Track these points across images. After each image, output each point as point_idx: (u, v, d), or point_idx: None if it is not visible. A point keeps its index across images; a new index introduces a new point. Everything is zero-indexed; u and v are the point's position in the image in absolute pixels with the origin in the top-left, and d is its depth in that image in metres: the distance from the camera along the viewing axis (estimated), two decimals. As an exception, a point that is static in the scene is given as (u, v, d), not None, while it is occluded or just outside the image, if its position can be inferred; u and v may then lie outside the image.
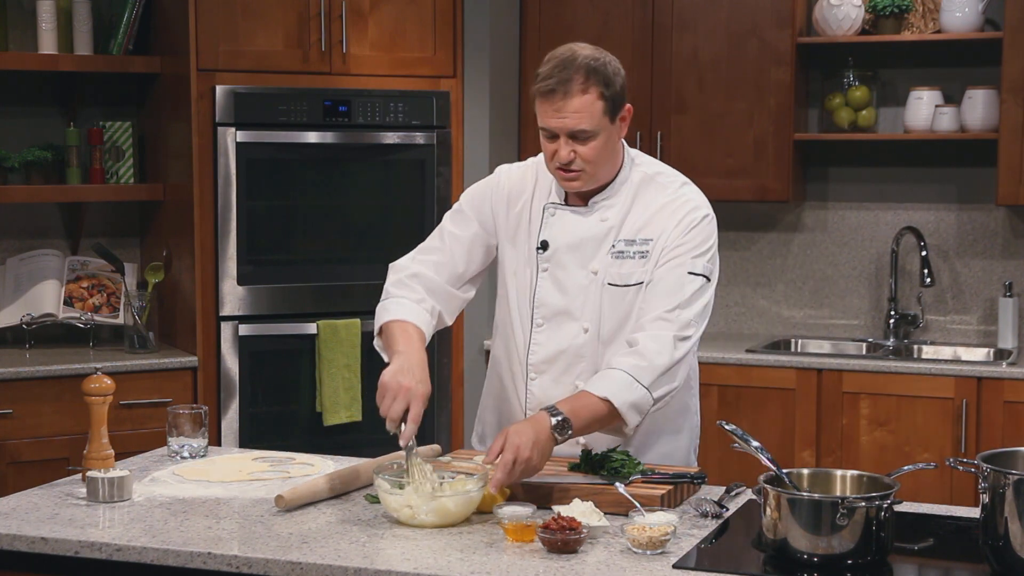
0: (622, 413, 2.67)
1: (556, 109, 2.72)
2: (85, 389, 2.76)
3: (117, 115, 4.90)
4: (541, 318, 2.89)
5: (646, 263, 2.82)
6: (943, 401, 4.53)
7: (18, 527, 2.49)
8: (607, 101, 2.74)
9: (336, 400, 4.71)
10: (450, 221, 3.00)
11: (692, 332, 2.78)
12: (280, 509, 2.60)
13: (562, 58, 2.74)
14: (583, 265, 2.85)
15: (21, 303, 4.72)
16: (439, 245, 2.98)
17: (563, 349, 2.87)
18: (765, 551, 2.35)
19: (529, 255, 2.90)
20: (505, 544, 2.39)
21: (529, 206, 2.92)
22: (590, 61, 2.73)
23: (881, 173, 5.18)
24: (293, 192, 4.79)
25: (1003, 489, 2.21)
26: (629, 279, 2.83)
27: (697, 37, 5.08)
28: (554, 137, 2.76)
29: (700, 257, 2.81)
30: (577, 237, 2.85)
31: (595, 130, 2.74)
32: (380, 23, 4.85)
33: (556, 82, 2.71)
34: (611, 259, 2.84)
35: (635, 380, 2.68)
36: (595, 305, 2.84)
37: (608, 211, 2.85)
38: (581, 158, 2.76)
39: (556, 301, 2.87)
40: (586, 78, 2.71)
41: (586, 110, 2.71)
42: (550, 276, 2.88)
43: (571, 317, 2.86)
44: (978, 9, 4.78)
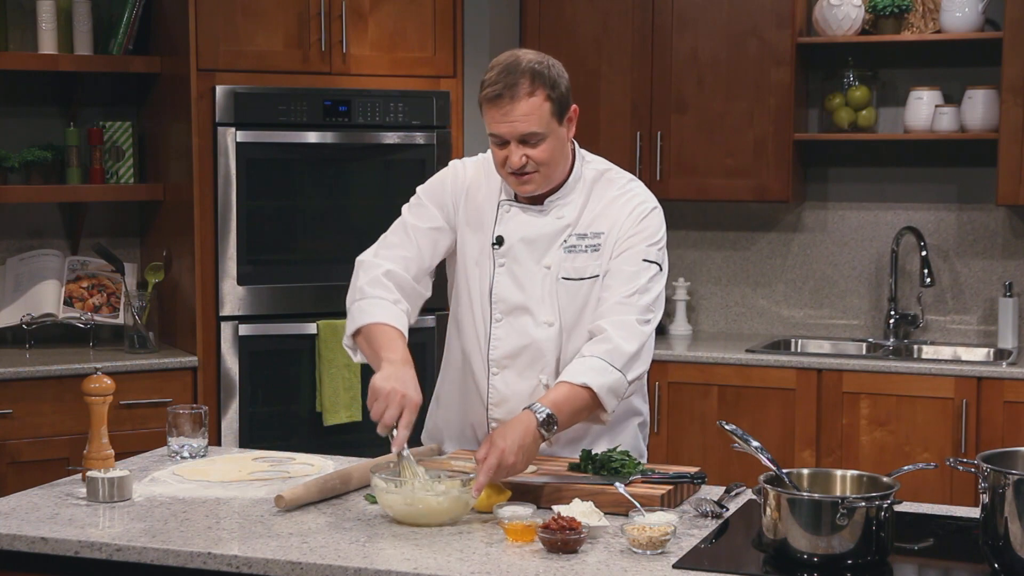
0: (601, 398, 2.70)
1: (504, 114, 2.74)
2: (85, 389, 2.76)
3: (117, 115, 4.90)
4: (500, 313, 2.89)
5: (599, 256, 2.85)
6: (943, 401, 4.53)
7: (18, 527, 2.49)
8: (553, 103, 2.75)
9: (336, 400, 4.71)
10: (411, 215, 2.99)
11: (651, 316, 2.82)
12: (280, 509, 2.60)
13: (506, 64, 2.76)
14: (537, 261, 2.87)
15: (21, 303, 4.72)
16: (404, 239, 2.97)
17: (525, 344, 2.87)
18: (765, 551, 2.35)
19: (485, 251, 2.91)
20: (505, 544, 2.39)
21: (487, 202, 2.93)
22: (534, 65, 2.75)
23: (881, 173, 5.18)
24: (293, 192, 4.79)
25: (1003, 489, 2.21)
26: (583, 272, 2.85)
27: (697, 37, 5.08)
28: (504, 143, 2.77)
29: (653, 246, 2.86)
30: (532, 233, 2.87)
31: (544, 132, 2.75)
32: (380, 23, 4.85)
33: (502, 87, 2.73)
34: (563, 253, 2.86)
35: (609, 364, 2.72)
36: (551, 299, 2.86)
37: (563, 209, 2.87)
38: (533, 161, 2.77)
39: (514, 296, 2.88)
40: (531, 81, 2.73)
41: (534, 113, 2.73)
42: (507, 271, 2.89)
43: (529, 312, 2.87)
44: (978, 9, 4.78)
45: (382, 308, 2.86)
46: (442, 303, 5.04)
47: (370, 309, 2.86)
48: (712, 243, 5.40)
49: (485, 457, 2.54)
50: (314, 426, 4.73)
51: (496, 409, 2.91)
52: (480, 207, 2.93)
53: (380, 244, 3.01)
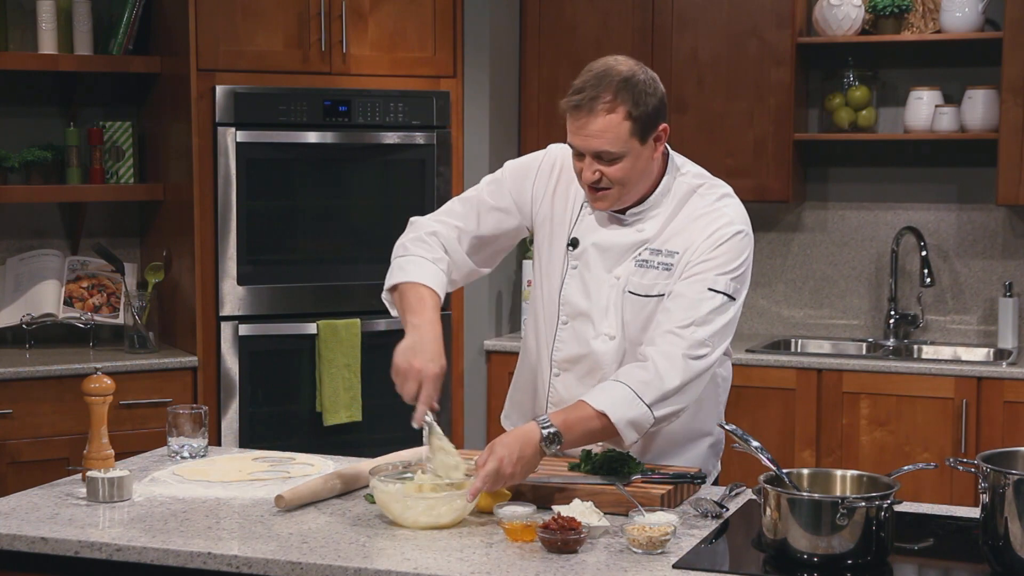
0: (619, 429, 2.59)
1: (580, 127, 2.63)
2: (85, 389, 2.76)
3: (117, 115, 4.90)
4: (566, 316, 2.83)
5: (670, 275, 2.72)
6: (943, 401, 4.53)
7: (18, 527, 2.49)
8: (635, 121, 2.62)
9: (336, 400, 4.71)
10: (487, 188, 2.90)
11: (706, 352, 2.64)
12: (280, 509, 2.60)
13: (596, 72, 2.63)
14: (608, 269, 2.78)
15: (21, 303, 4.72)
16: (466, 210, 2.88)
17: (584, 353, 2.81)
18: (765, 551, 2.35)
19: (561, 249, 2.84)
20: (505, 544, 2.39)
21: (572, 199, 2.83)
22: (625, 77, 2.61)
23: (881, 173, 5.18)
24: (293, 192, 4.79)
25: (1003, 489, 2.21)
26: (651, 290, 2.74)
27: (697, 37, 5.08)
28: (581, 155, 2.68)
29: (725, 275, 2.70)
30: (608, 241, 2.77)
31: (620, 152, 2.63)
32: (380, 23, 4.85)
33: (583, 99, 2.60)
34: (634, 267, 2.75)
35: (638, 397, 2.59)
36: (616, 312, 2.77)
37: (645, 223, 2.76)
38: (608, 178, 2.67)
39: (580, 302, 2.81)
40: (614, 97, 2.60)
41: (611, 131, 2.61)
42: (578, 275, 2.81)
43: (591, 321, 2.80)
44: (978, 9, 4.78)
45: (417, 266, 2.79)
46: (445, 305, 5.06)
47: (406, 267, 2.80)
48: (712, 243, 5.39)
49: (484, 463, 2.51)
50: (314, 426, 4.73)
51: (555, 409, 2.80)
52: (565, 203, 2.84)
53: (441, 210, 2.93)
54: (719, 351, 2.69)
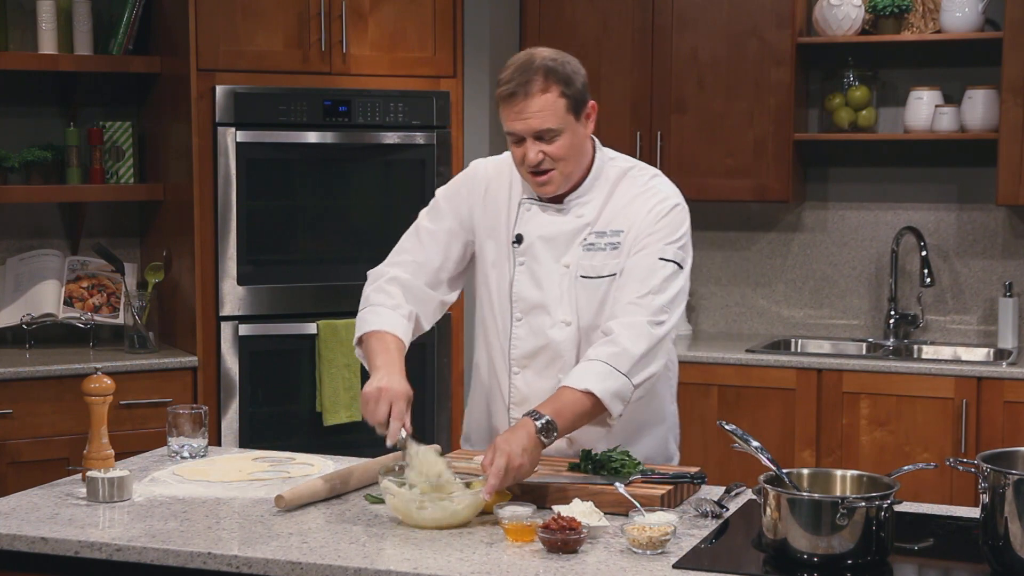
0: (605, 403, 2.66)
1: (518, 112, 2.74)
2: (85, 389, 2.76)
3: (117, 115, 4.90)
4: (520, 312, 2.89)
5: (618, 254, 2.83)
6: (943, 401, 4.53)
7: (18, 527, 2.49)
8: (568, 99, 2.75)
9: (336, 400, 4.71)
10: (426, 217, 3.00)
11: (665, 318, 2.76)
12: (280, 509, 2.60)
13: (520, 62, 2.76)
14: (556, 259, 2.86)
15: (21, 303, 4.72)
16: (414, 244, 2.98)
17: (543, 344, 2.87)
18: (765, 551, 2.35)
19: (506, 249, 2.91)
20: (505, 544, 2.39)
21: (507, 201, 2.93)
22: (548, 62, 2.74)
23: (881, 173, 5.18)
24: (293, 192, 4.79)
25: (1003, 489, 2.21)
26: (601, 271, 2.84)
27: (697, 37, 5.08)
28: (521, 140, 2.77)
29: (672, 244, 2.81)
30: (551, 231, 2.86)
31: (559, 127, 2.74)
32: (380, 23, 4.85)
33: (516, 85, 2.73)
34: (582, 251, 2.85)
35: (614, 369, 2.68)
36: (569, 298, 2.85)
37: (583, 207, 2.86)
38: (550, 157, 2.77)
39: (532, 295, 2.88)
40: (545, 78, 2.72)
41: (548, 108, 2.73)
42: (527, 269, 2.88)
43: (547, 311, 2.87)
44: (978, 9, 4.78)
45: (378, 315, 2.89)
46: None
47: (369, 318, 2.90)
48: (712, 243, 5.40)
49: (491, 462, 2.53)
50: (314, 426, 4.73)
51: (517, 409, 2.89)
52: (500, 206, 2.93)
53: (393, 251, 3.01)
54: (675, 318, 2.81)
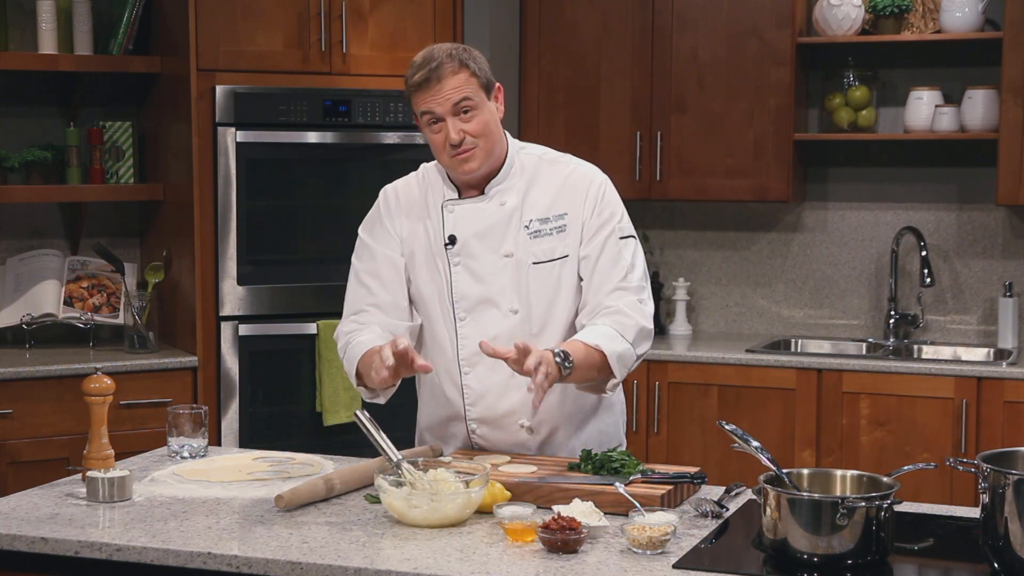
0: (611, 363, 2.75)
1: (434, 93, 2.80)
2: (85, 389, 2.76)
3: (117, 115, 4.90)
4: (463, 311, 2.91)
5: (565, 236, 2.89)
6: (943, 401, 4.53)
7: (18, 527, 2.49)
8: (479, 78, 2.82)
9: (336, 400, 4.71)
10: (360, 260, 3.02)
11: (647, 291, 2.90)
12: (280, 509, 2.60)
13: (423, 56, 2.84)
14: (494, 250, 2.89)
15: (21, 303, 4.72)
16: (361, 291, 2.98)
17: (494, 336, 2.87)
18: (765, 551, 2.35)
19: (437, 254, 2.93)
20: (505, 544, 2.39)
21: (426, 208, 2.96)
22: (451, 50, 2.83)
23: (881, 173, 5.18)
24: (293, 192, 4.79)
25: (1003, 489, 2.21)
26: (552, 254, 2.89)
27: (697, 37, 5.08)
28: (438, 121, 2.82)
29: (621, 221, 2.92)
30: (483, 225, 2.90)
31: (477, 101, 2.81)
32: (380, 23, 4.85)
33: (428, 71, 2.80)
34: (529, 240, 2.89)
35: (620, 335, 2.79)
36: (516, 286, 2.89)
37: (506, 195, 2.91)
38: (470, 135, 2.82)
39: (474, 291, 2.90)
40: (452, 61, 2.81)
41: (463, 84, 2.80)
42: (464, 267, 2.91)
43: (492, 303, 2.90)
44: (978, 9, 4.78)
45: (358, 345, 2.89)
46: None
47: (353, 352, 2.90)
48: (712, 243, 5.40)
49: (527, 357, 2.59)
50: (314, 426, 4.73)
51: (473, 408, 2.93)
52: (420, 216, 2.97)
53: (345, 308, 3.02)
54: (649, 287, 2.93)
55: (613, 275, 2.87)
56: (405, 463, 2.59)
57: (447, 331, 2.94)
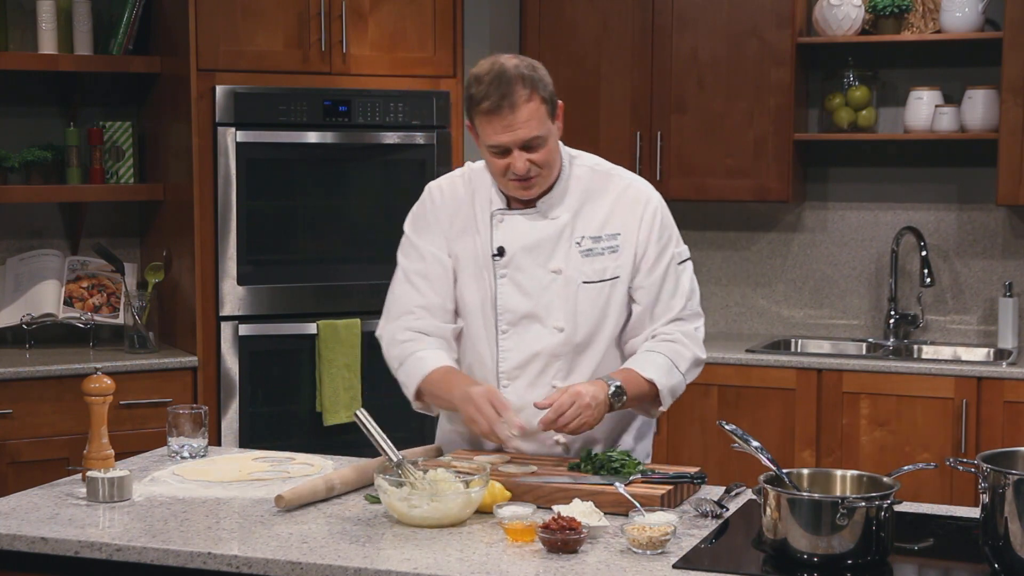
0: (662, 396, 2.80)
1: (506, 125, 2.72)
2: (85, 389, 2.76)
3: (117, 115, 4.90)
4: (507, 324, 2.87)
5: (618, 257, 2.86)
6: (943, 401, 4.53)
7: (18, 527, 2.49)
8: (547, 104, 2.76)
9: (336, 400, 4.71)
10: (408, 259, 2.96)
11: (701, 313, 2.96)
12: (280, 509, 2.60)
13: (495, 73, 2.73)
14: (542, 265, 2.85)
15: (21, 303, 4.72)
16: (410, 291, 2.92)
17: (536, 352, 2.85)
18: (765, 551, 2.35)
19: (483, 264, 2.88)
20: (505, 544, 2.39)
21: (475, 216, 2.90)
22: (523, 70, 2.74)
23: (881, 173, 5.18)
24: (293, 192, 4.79)
25: (1003, 489, 2.21)
26: (604, 274, 2.86)
27: (697, 37, 5.08)
28: (506, 152, 2.75)
29: (678, 246, 2.92)
30: (533, 238, 2.85)
31: (545, 134, 2.75)
32: (380, 23, 4.85)
33: (499, 97, 2.71)
34: (580, 258, 2.85)
35: (674, 366, 2.84)
36: (564, 304, 2.85)
37: (556, 209, 2.86)
38: (536, 165, 2.76)
39: (520, 305, 2.86)
40: (525, 86, 2.72)
41: (535, 117, 2.73)
42: (510, 280, 2.86)
43: (537, 319, 2.86)
44: (978, 9, 4.78)
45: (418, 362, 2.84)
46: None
47: (411, 370, 2.85)
48: (712, 243, 5.40)
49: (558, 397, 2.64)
50: (314, 426, 4.73)
51: None
52: (468, 222, 2.91)
53: (387, 303, 2.96)
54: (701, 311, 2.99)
55: (673, 304, 2.88)
56: (405, 463, 2.59)
57: (488, 342, 2.89)
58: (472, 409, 2.68)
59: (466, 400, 2.70)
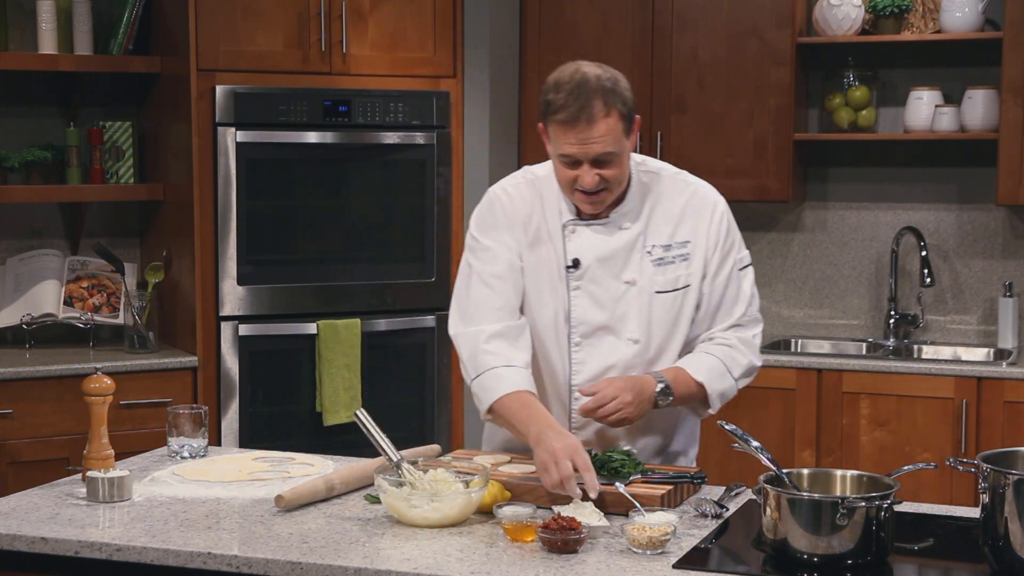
0: (710, 399, 2.82)
1: (581, 138, 2.65)
2: (85, 389, 2.76)
3: (117, 115, 4.90)
4: (580, 336, 2.82)
5: (689, 265, 2.84)
6: (943, 401, 4.53)
7: (18, 527, 2.49)
8: (624, 120, 2.69)
9: (336, 400, 4.71)
10: (480, 261, 2.85)
11: (760, 324, 2.93)
12: (280, 509, 2.60)
13: (575, 82, 2.67)
14: (616, 276, 2.81)
15: (21, 303, 4.72)
16: (487, 293, 2.82)
17: (611, 364, 2.81)
18: (765, 551, 2.35)
19: (557, 275, 2.82)
20: (505, 544, 2.39)
21: (544, 225, 2.84)
22: (605, 82, 2.67)
23: (881, 173, 5.18)
24: (293, 192, 4.79)
25: (1003, 489, 2.21)
26: (676, 283, 2.83)
27: (697, 37, 5.08)
28: (576, 163, 2.69)
29: (740, 251, 2.91)
30: (606, 250, 2.80)
31: (619, 151, 2.69)
32: (380, 23, 4.85)
33: (577, 109, 2.64)
34: (653, 267, 2.81)
35: (728, 371, 2.83)
36: (638, 315, 2.81)
37: (627, 219, 2.81)
38: (605, 179, 2.71)
39: (595, 317, 2.81)
40: (605, 101, 2.65)
41: (610, 133, 2.66)
42: (584, 292, 2.81)
43: (611, 331, 2.82)
44: (978, 9, 4.78)
45: (498, 378, 2.74)
46: (441, 303, 5.06)
47: (489, 384, 2.75)
48: (712, 243, 5.39)
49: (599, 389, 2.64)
50: (314, 426, 4.73)
51: (579, 432, 2.83)
52: (541, 231, 2.84)
53: (462, 306, 2.85)
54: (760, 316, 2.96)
55: (734, 311, 2.87)
56: (405, 463, 2.59)
57: (559, 354, 2.84)
58: (548, 459, 2.53)
59: (545, 449, 2.55)
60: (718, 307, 2.86)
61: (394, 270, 4.89)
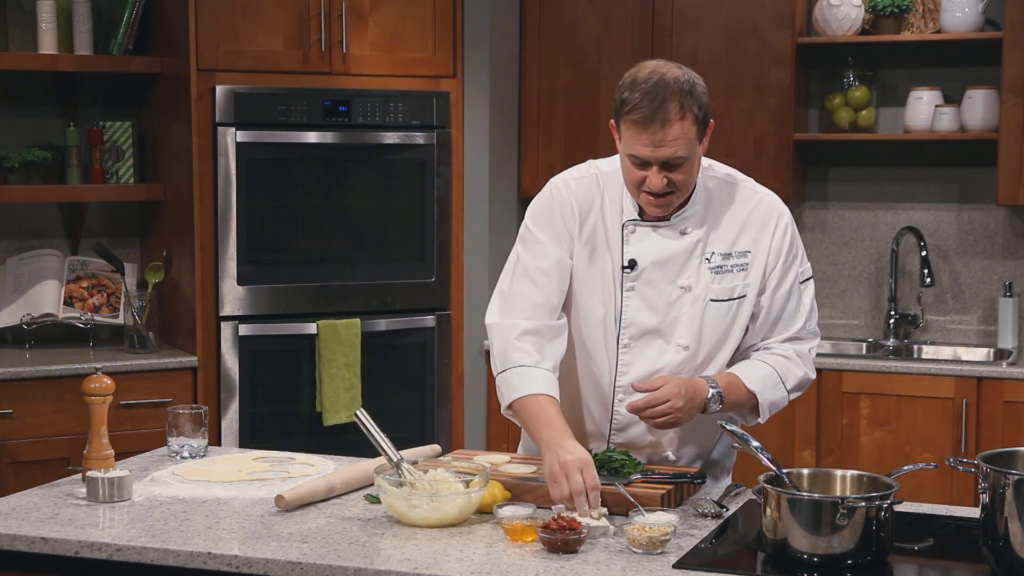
0: (761, 409, 2.79)
1: (655, 140, 2.60)
2: (85, 389, 2.76)
3: (117, 115, 4.89)
4: (629, 338, 2.78)
5: (747, 275, 2.79)
6: (943, 401, 4.53)
7: (18, 527, 2.49)
8: (699, 124, 2.65)
9: (336, 400, 4.71)
10: (530, 254, 2.79)
11: (817, 337, 2.90)
12: (280, 509, 2.60)
13: (654, 82, 2.61)
14: (672, 280, 2.76)
15: (21, 303, 4.72)
16: (529, 287, 2.77)
17: (657, 369, 2.77)
18: (765, 551, 2.35)
19: (611, 274, 2.78)
20: (505, 544, 2.39)
21: (602, 222, 2.79)
22: (683, 84, 2.61)
23: (881, 173, 5.18)
24: (293, 192, 4.79)
25: (1003, 489, 2.21)
26: (732, 293, 2.78)
27: (697, 37, 5.08)
28: (645, 164, 2.66)
29: (802, 264, 2.89)
30: (665, 253, 2.76)
31: (690, 155, 2.65)
32: (380, 23, 4.85)
33: (652, 111, 2.59)
34: (711, 275, 2.77)
35: (781, 381, 2.80)
36: (690, 321, 2.77)
37: (688, 223, 2.77)
38: (674, 183, 2.66)
39: (647, 320, 2.77)
40: (681, 104, 2.60)
41: (683, 137, 2.61)
42: (638, 294, 2.77)
43: (661, 335, 2.77)
44: (978, 9, 4.78)
45: (524, 377, 2.69)
46: (442, 303, 5.06)
47: (513, 381, 2.71)
48: (712, 243, 5.39)
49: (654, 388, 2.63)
50: (314, 426, 4.73)
51: (620, 435, 2.83)
52: (598, 228, 2.79)
53: (503, 297, 2.80)
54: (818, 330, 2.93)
55: (793, 324, 2.83)
56: (405, 463, 2.59)
57: (606, 355, 2.80)
58: (559, 470, 2.51)
59: (557, 459, 2.53)
60: (778, 319, 2.82)
61: (394, 270, 4.89)
